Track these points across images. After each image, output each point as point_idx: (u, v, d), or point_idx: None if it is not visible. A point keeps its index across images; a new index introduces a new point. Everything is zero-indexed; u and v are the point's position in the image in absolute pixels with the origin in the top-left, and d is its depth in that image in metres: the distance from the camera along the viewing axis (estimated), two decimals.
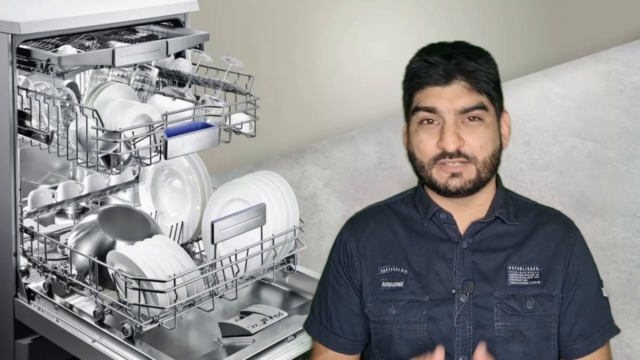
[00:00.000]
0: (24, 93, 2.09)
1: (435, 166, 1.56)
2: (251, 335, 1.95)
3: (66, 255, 2.13)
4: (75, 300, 2.12)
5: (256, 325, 1.97)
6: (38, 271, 2.14)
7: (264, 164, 4.50)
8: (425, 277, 1.59)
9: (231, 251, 1.98)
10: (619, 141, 5.17)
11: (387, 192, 1.83)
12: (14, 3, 2.22)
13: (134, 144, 1.99)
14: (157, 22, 2.38)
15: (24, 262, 2.15)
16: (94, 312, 1.98)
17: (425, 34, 4.95)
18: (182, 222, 2.28)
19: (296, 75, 4.81)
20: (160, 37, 2.35)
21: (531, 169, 4.72)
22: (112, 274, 1.94)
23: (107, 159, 2.01)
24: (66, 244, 2.12)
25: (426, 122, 1.56)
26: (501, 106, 1.62)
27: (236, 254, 1.98)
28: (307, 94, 4.88)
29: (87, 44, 2.25)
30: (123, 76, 2.26)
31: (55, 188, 2.52)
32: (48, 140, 2.06)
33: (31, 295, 2.13)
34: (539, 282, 1.58)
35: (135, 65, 2.27)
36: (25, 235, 2.19)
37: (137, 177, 2.51)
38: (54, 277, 2.09)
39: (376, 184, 4.45)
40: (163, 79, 2.36)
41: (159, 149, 2.02)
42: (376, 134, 5.06)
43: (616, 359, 2.92)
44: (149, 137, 2.01)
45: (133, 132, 1.98)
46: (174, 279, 1.85)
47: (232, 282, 2.00)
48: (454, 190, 1.56)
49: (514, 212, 1.64)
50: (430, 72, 1.56)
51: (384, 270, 1.62)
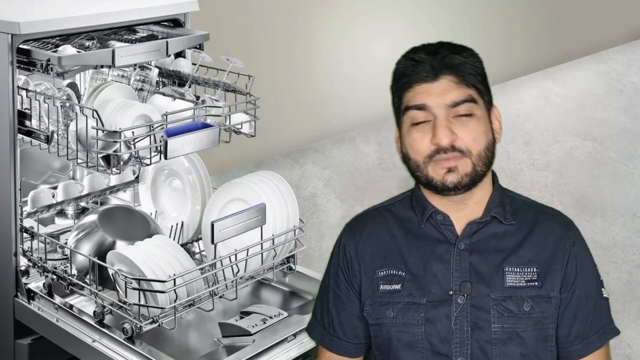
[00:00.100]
0: (24, 93, 2.09)
1: (431, 163, 1.56)
2: (251, 335, 1.95)
3: (66, 255, 2.13)
4: (75, 300, 2.12)
5: (256, 325, 1.97)
6: (38, 271, 2.14)
7: (264, 164, 4.49)
8: (422, 278, 1.59)
9: (231, 251, 1.98)
10: (619, 141, 5.17)
11: (387, 192, 1.83)
12: (14, 3, 2.22)
13: (134, 144, 1.99)
14: (157, 22, 2.38)
15: (24, 262, 2.15)
16: (94, 312, 1.98)
17: (425, 34, 4.94)
18: (182, 222, 2.28)
19: (296, 75, 4.81)
20: (160, 37, 2.35)
21: (531, 169, 4.72)
22: (112, 274, 1.94)
23: (107, 159, 2.01)
24: (66, 244, 2.13)
25: (418, 123, 1.56)
26: (490, 100, 1.62)
27: (236, 254, 1.98)
28: (307, 94, 4.88)
29: (87, 44, 2.25)
30: (123, 76, 2.26)
31: (55, 188, 2.52)
32: (48, 140, 2.06)
33: (31, 295, 2.13)
34: (536, 283, 1.57)
35: (135, 65, 2.27)
36: (25, 235, 2.19)
37: (137, 177, 2.51)
38: (54, 277, 2.09)
39: (376, 184, 4.45)
40: (163, 79, 2.36)
41: (159, 149, 2.02)
42: (376, 134, 5.05)
43: (616, 359, 2.93)
44: (149, 137, 2.01)
45: (133, 132, 1.98)
46: (174, 279, 1.85)
47: (232, 282, 2.00)
48: (451, 185, 1.55)
49: (511, 212, 1.63)
50: (417, 69, 1.56)
51: (381, 273, 1.62)
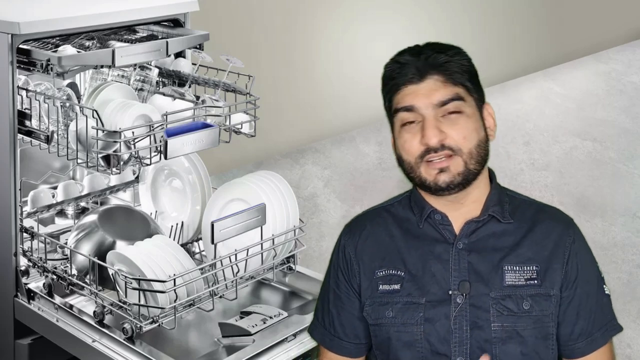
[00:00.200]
0: (24, 93, 2.09)
1: (422, 164, 1.56)
2: (251, 335, 1.95)
3: (66, 255, 2.13)
4: (75, 300, 2.12)
5: (256, 325, 1.97)
6: (38, 271, 2.14)
7: (264, 164, 4.49)
8: (421, 278, 1.59)
9: (231, 251, 1.98)
10: (619, 141, 5.17)
11: (387, 192, 1.83)
12: (14, 3, 2.22)
13: (134, 144, 1.99)
14: (157, 22, 2.38)
15: (24, 262, 2.15)
16: (94, 312, 1.98)
17: (425, 34, 4.93)
18: (182, 222, 2.28)
19: (296, 75, 4.81)
20: (160, 37, 2.35)
21: (531, 169, 4.72)
22: (112, 274, 1.94)
23: (107, 159, 2.01)
24: (66, 244, 2.12)
25: (408, 124, 1.57)
26: (481, 97, 1.62)
27: (236, 254, 1.98)
28: (307, 94, 4.88)
29: (87, 44, 2.25)
30: (123, 76, 2.26)
31: (55, 188, 2.52)
32: (48, 140, 2.06)
33: (31, 295, 2.13)
34: (536, 281, 1.57)
35: (135, 65, 2.27)
36: (25, 235, 2.19)
37: (137, 177, 2.51)
38: (54, 277, 2.09)
39: (376, 184, 4.45)
40: (163, 79, 2.36)
41: (159, 149, 2.02)
42: (376, 134, 5.05)
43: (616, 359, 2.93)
44: (149, 137, 2.01)
45: (133, 132, 1.98)
46: (174, 279, 1.85)
47: (232, 282, 2.00)
48: (444, 185, 1.55)
49: (510, 210, 1.63)
50: (403, 71, 1.58)
51: (381, 273, 1.62)
